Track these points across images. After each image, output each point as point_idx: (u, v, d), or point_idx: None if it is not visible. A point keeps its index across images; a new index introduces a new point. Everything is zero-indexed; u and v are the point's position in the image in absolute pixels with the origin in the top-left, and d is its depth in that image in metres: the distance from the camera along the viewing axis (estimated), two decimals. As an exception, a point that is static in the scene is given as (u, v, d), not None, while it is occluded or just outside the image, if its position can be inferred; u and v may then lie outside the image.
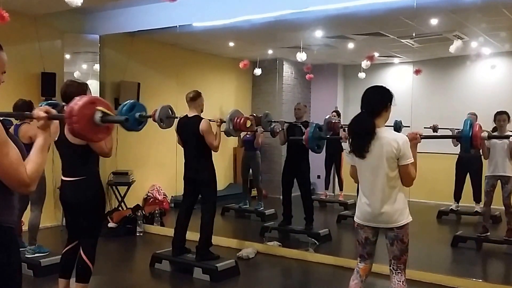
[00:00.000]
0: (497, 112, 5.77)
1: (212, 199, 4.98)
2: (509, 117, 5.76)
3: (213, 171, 4.97)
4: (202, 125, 4.82)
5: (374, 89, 3.20)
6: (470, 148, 3.29)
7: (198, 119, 4.90)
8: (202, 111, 5.03)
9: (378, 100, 3.12)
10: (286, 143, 6.44)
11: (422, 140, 3.19)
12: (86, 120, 1.97)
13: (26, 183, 1.81)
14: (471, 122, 3.25)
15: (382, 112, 3.10)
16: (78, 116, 1.94)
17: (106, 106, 2.03)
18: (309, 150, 5.70)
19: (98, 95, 7.34)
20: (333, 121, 6.41)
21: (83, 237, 3.65)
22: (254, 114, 7.84)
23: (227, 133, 5.10)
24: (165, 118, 5.14)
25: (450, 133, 6.06)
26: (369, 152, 3.03)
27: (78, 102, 1.97)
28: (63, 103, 3.55)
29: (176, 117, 5.17)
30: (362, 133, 3.05)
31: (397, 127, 5.92)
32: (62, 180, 3.60)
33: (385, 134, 3.05)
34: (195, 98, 4.97)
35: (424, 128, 3.31)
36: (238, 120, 4.99)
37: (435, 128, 6.63)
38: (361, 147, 3.06)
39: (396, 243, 3.08)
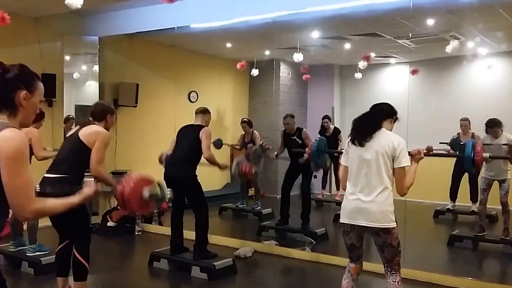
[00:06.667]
0: (488, 120, 5.91)
1: (201, 198, 4.99)
2: (499, 124, 5.86)
3: (195, 173, 4.97)
4: (204, 130, 4.94)
5: (382, 103, 3.35)
6: (472, 167, 3.34)
7: (202, 127, 5.02)
8: (207, 126, 5.14)
9: (386, 109, 3.26)
10: (287, 149, 6.57)
11: (420, 139, 3.28)
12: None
13: (28, 210, 1.73)
14: (473, 143, 3.31)
15: (387, 118, 3.22)
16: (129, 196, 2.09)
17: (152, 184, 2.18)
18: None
19: (98, 96, 7.40)
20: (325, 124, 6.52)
21: (73, 239, 3.70)
22: (246, 120, 7.88)
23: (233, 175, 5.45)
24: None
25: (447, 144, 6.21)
26: (369, 142, 3.09)
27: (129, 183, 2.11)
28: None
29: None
30: (368, 122, 3.17)
31: None
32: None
33: (387, 134, 3.14)
34: (204, 112, 5.20)
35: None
36: (244, 168, 5.44)
37: (429, 150, 6.60)
38: (362, 135, 3.13)
39: (386, 249, 3.12)
